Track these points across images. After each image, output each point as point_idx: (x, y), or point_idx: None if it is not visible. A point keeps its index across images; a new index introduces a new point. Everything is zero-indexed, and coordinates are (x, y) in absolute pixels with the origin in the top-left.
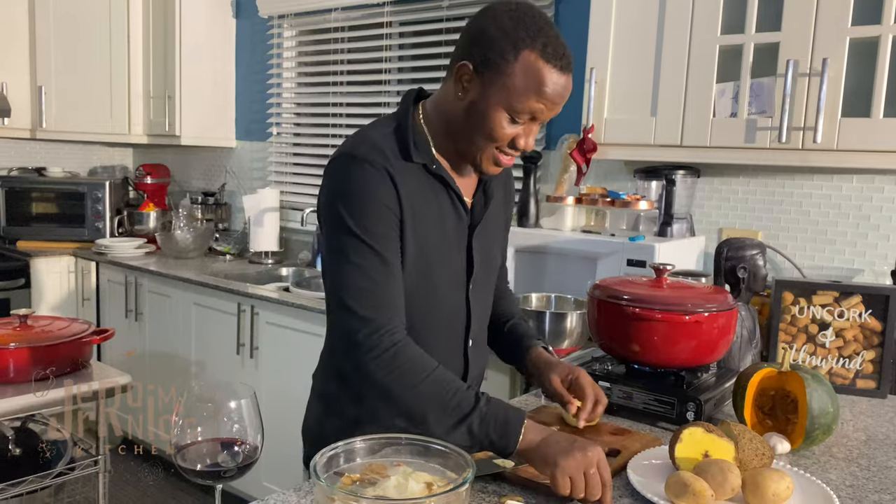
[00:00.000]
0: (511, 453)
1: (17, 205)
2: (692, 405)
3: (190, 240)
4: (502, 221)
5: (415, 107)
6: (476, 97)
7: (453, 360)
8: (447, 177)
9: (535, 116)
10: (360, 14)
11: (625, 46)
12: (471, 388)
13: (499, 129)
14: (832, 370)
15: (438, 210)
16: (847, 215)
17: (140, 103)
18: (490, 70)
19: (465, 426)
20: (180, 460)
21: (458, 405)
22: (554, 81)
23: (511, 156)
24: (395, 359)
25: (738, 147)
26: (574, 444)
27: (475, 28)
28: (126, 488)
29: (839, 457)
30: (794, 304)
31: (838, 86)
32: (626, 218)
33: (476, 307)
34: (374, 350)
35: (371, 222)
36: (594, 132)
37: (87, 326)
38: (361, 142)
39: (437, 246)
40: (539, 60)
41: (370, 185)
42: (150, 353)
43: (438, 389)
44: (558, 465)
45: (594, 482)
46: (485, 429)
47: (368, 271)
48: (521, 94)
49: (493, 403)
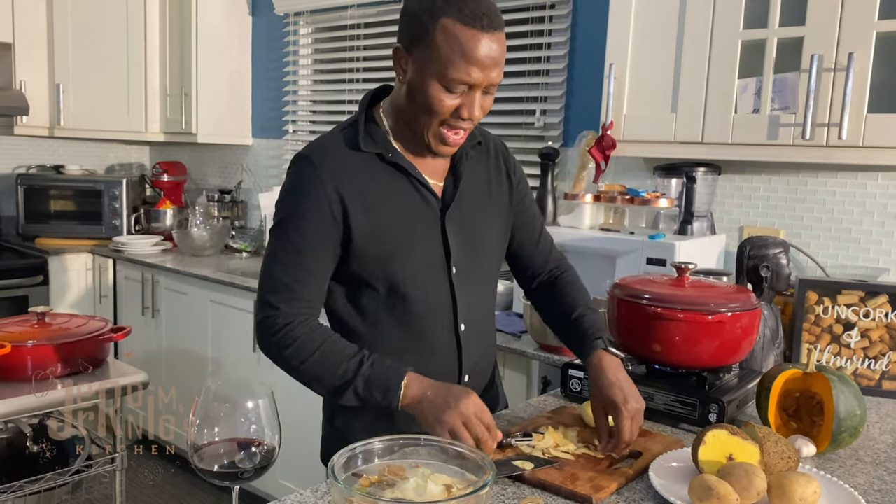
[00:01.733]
0: (395, 410)
1: (36, 202)
2: (715, 407)
3: (206, 237)
4: (500, 196)
5: (377, 104)
6: (412, 76)
7: (445, 344)
8: (404, 163)
9: (469, 83)
10: (375, 11)
11: (644, 42)
12: (359, 353)
13: (437, 102)
14: (857, 371)
15: (397, 197)
16: (872, 213)
17: (157, 101)
18: (417, 46)
19: (350, 389)
20: (197, 461)
21: (344, 371)
22: (478, 43)
23: (458, 129)
24: (285, 337)
25: (760, 144)
26: (448, 398)
27: (402, 11)
28: (143, 486)
29: (866, 460)
30: (819, 303)
31: (864, 81)
32: (646, 216)
33: (462, 290)
34: (269, 331)
35: (298, 219)
36: (613, 129)
37: (104, 324)
38: (313, 142)
39: (402, 232)
40: (457, 24)
41: (305, 183)
42: (167, 350)
43: (327, 360)
44: (438, 422)
45: (477, 430)
46: (368, 390)
47: (285, 264)
48: (448, 61)
49: (376, 366)
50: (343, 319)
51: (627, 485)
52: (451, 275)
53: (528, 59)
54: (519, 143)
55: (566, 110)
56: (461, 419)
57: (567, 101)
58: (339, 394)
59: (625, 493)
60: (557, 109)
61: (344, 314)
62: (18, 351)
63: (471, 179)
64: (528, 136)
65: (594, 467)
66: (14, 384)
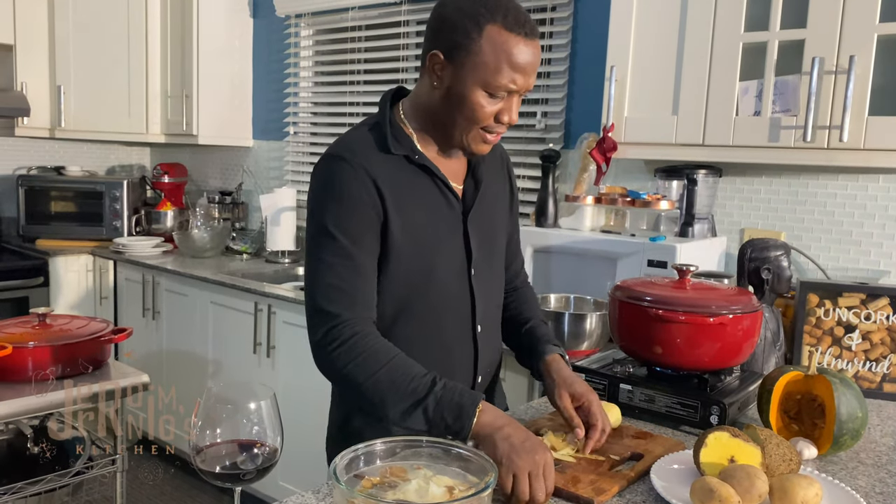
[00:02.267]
0: (466, 436)
1: (37, 203)
2: (716, 409)
3: (207, 239)
4: (505, 202)
5: (395, 105)
6: (452, 82)
7: (462, 346)
8: (431, 166)
9: (512, 89)
10: (376, 13)
11: (646, 44)
12: (429, 373)
13: (479, 108)
14: (858, 373)
15: (426, 199)
16: (873, 216)
17: (158, 103)
18: (459, 53)
19: (420, 409)
20: (199, 462)
21: (414, 390)
22: (522, 50)
23: (498, 133)
24: (354, 348)
25: (761, 146)
26: (525, 442)
27: (436, 17)
28: (143, 487)
29: (867, 462)
30: (820, 306)
31: (865, 83)
32: (647, 218)
33: (481, 292)
34: (335, 341)
35: (343, 219)
36: (614, 131)
37: (105, 325)
38: (340, 142)
39: (430, 234)
40: (503, 32)
41: (344, 181)
42: (168, 351)
43: (396, 375)
44: (505, 462)
45: (538, 486)
46: (440, 412)
47: (338, 269)
48: (494, 68)
49: (448, 388)
50: None
51: (629, 487)
52: (471, 276)
53: None
54: (520, 146)
55: (567, 112)
56: (531, 468)
57: (568, 103)
58: (406, 414)
59: (626, 496)
60: (558, 111)
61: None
62: (19, 352)
63: (487, 183)
64: (528, 139)
65: (595, 470)
66: (15, 385)
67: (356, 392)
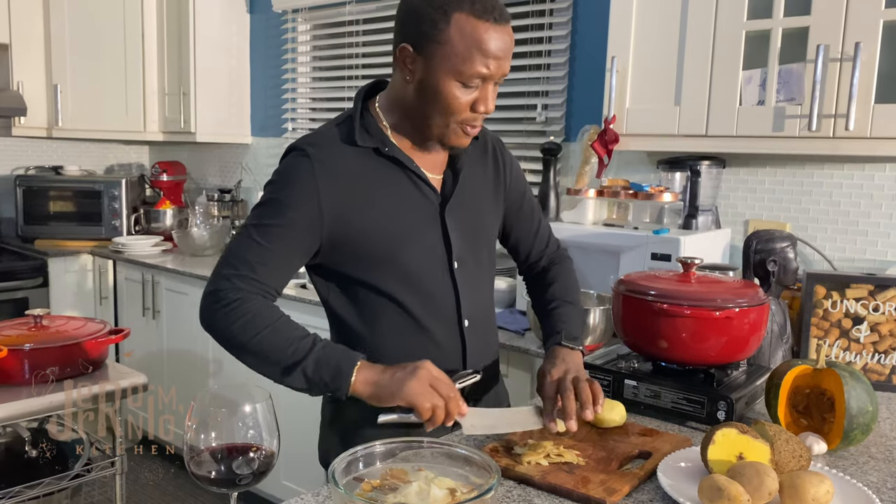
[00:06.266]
0: (345, 394)
1: (35, 203)
2: (723, 404)
3: (206, 237)
4: (490, 193)
5: (371, 99)
6: (423, 75)
7: (449, 340)
8: (402, 157)
9: (485, 75)
10: (374, 6)
11: (647, 34)
12: (311, 335)
13: (453, 99)
14: (867, 366)
15: (396, 191)
16: (880, 205)
17: (155, 100)
18: (428, 43)
19: (299, 369)
20: (194, 466)
21: (294, 351)
22: (492, 36)
23: (476, 125)
24: (236, 310)
25: (765, 136)
26: (406, 370)
27: (403, 9)
28: (144, 489)
29: (878, 457)
30: (827, 297)
31: (871, 71)
32: (650, 210)
33: (465, 285)
34: (219, 302)
35: (279, 207)
36: (616, 123)
37: (102, 326)
38: (307, 136)
39: (401, 226)
40: (471, 19)
41: (295, 173)
42: (168, 351)
43: (278, 337)
44: (407, 394)
45: (445, 390)
46: (318, 372)
47: (254, 246)
48: (464, 57)
49: (328, 349)
50: (343, 320)
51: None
52: (454, 269)
53: (529, 53)
54: (520, 139)
55: (568, 104)
56: (428, 381)
57: (569, 95)
58: (286, 374)
59: (633, 495)
60: (559, 104)
61: (345, 315)
62: (16, 354)
63: (469, 173)
64: (529, 132)
65: (605, 469)
66: (12, 388)
67: (239, 352)
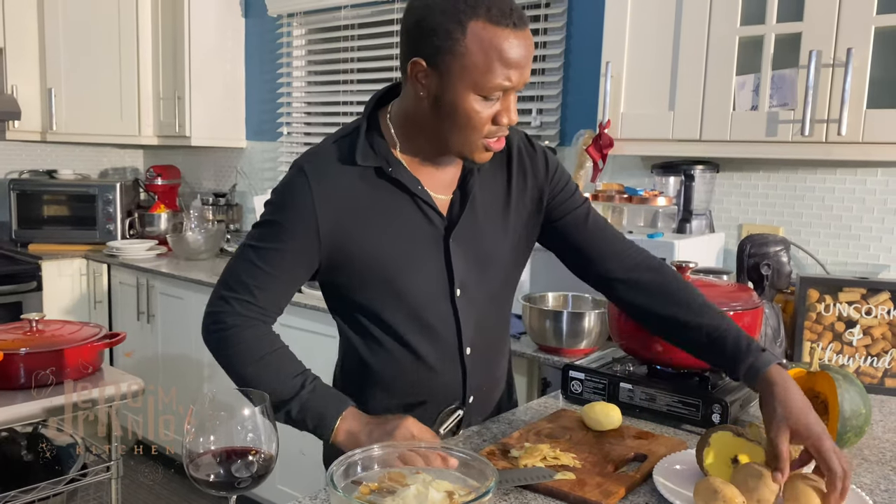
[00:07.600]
0: (328, 440)
1: (29, 207)
2: (718, 407)
3: (201, 241)
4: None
5: (383, 108)
6: (439, 90)
7: (449, 368)
8: (406, 179)
9: (507, 87)
10: (369, 11)
11: (641, 39)
12: (303, 374)
13: (474, 114)
14: (860, 369)
15: (398, 216)
16: (872, 209)
17: (150, 104)
18: (443, 57)
19: (283, 410)
20: (193, 470)
21: (282, 390)
22: (513, 43)
23: (499, 137)
24: (231, 338)
25: (758, 141)
26: (385, 429)
27: (412, 22)
28: (140, 492)
29: (871, 459)
30: (820, 301)
31: (863, 76)
32: (644, 215)
33: (468, 312)
34: (217, 325)
35: (278, 228)
36: (610, 127)
37: (98, 330)
38: (310, 152)
39: (400, 255)
40: (489, 26)
41: (294, 194)
42: (163, 355)
43: (268, 372)
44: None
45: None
46: (302, 416)
47: (253, 268)
48: (484, 68)
49: (316, 393)
50: (347, 338)
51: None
52: (455, 297)
53: None
54: None
55: (562, 109)
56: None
57: (563, 100)
58: (274, 409)
59: (630, 498)
60: (554, 108)
61: (348, 333)
62: (11, 359)
63: (482, 193)
64: None
65: (601, 472)
66: (6, 393)
67: (234, 379)
